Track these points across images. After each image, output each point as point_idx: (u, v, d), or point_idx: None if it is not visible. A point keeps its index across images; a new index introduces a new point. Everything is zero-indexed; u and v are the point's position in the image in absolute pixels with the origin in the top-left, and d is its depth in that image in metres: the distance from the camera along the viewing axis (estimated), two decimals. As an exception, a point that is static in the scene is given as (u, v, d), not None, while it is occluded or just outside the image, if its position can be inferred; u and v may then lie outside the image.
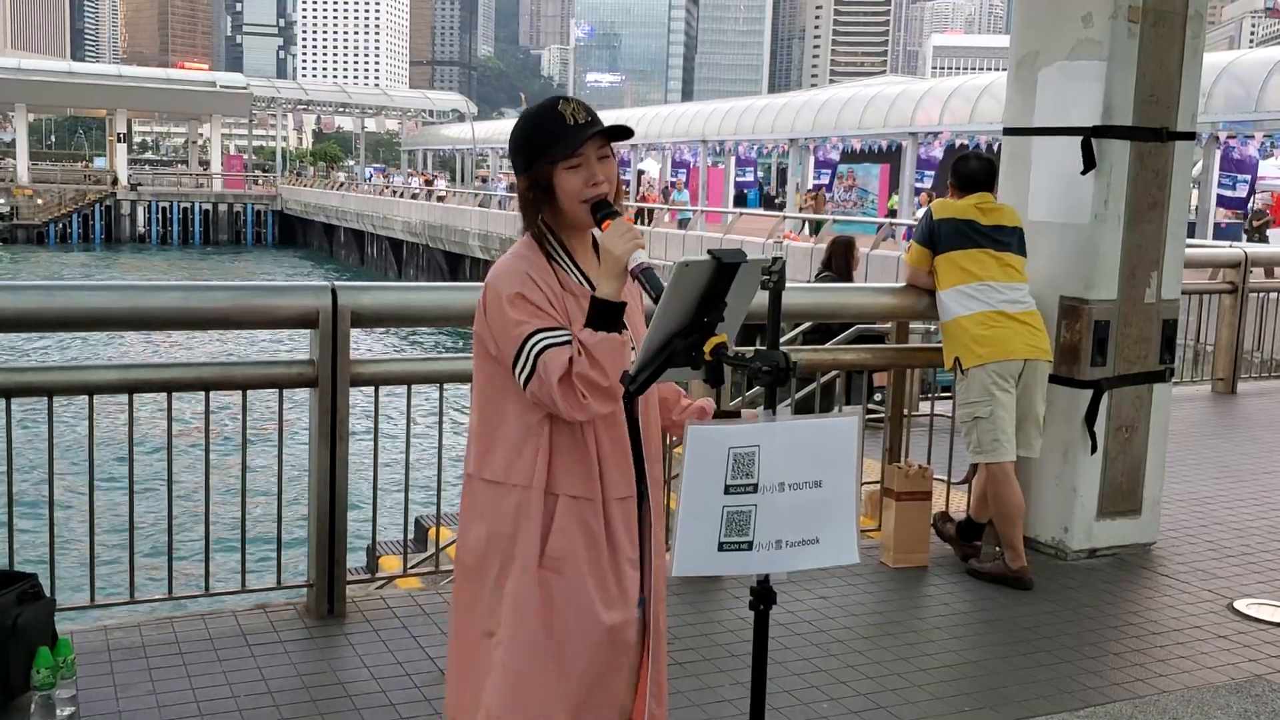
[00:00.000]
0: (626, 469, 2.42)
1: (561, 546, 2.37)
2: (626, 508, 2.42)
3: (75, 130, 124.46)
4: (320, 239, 60.75)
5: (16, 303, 3.96)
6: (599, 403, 2.28)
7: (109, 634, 4.00)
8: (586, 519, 2.38)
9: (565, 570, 2.37)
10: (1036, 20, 5.31)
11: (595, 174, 2.37)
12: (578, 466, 2.37)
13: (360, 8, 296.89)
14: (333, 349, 4.14)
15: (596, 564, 2.39)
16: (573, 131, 2.35)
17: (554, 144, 2.35)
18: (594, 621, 2.39)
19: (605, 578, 2.40)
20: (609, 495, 2.40)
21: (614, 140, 2.41)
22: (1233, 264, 9.46)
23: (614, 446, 2.40)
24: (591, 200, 2.37)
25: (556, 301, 2.35)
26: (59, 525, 4.10)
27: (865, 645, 4.24)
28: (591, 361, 2.25)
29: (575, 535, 2.37)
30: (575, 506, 2.38)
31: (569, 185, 2.37)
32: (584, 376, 2.25)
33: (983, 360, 4.92)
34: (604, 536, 2.40)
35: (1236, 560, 5.33)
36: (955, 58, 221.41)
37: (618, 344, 2.27)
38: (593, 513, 2.38)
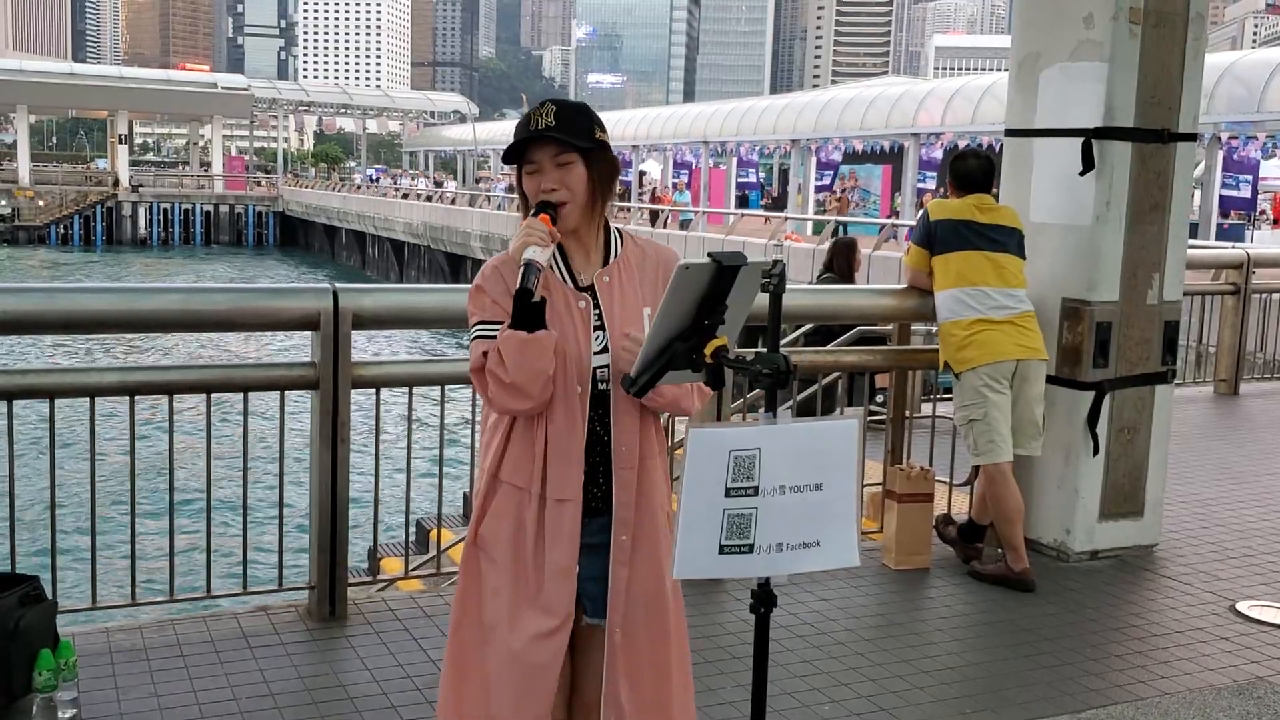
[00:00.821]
0: (570, 472, 2.41)
1: (491, 529, 2.45)
2: (565, 511, 2.41)
3: (76, 132, 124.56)
4: (321, 240, 60.78)
5: (18, 305, 3.96)
6: (504, 396, 2.34)
7: (110, 636, 4.00)
8: (521, 510, 2.42)
9: (492, 554, 2.44)
10: (1038, 21, 5.31)
11: (546, 181, 2.43)
12: (524, 458, 2.42)
13: (361, 9, 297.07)
14: (334, 351, 4.14)
15: (519, 556, 2.42)
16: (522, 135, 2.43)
17: (509, 149, 2.45)
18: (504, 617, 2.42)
19: (525, 574, 2.42)
20: (548, 494, 2.41)
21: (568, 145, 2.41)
22: (1235, 265, 9.45)
23: (560, 446, 2.40)
24: (538, 204, 2.43)
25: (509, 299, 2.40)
26: (60, 527, 4.10)
27: (867, 647, 4.24)
28: (497, 357, 2.32)
29: (506, 521, 2.43)
30: (513, 495, 2.43)
31: (528, 188, 2.47)
32: (490, 370, 2.33)
33: (973, 364, 4.92)
34: (533, 533, 2.41)
35: (1239, 562, 5.32)
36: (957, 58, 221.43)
37: (516, 341, 2.30)
38: (526, 505, 2.42)
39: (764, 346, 2.24)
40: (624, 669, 2.46)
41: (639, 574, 2.47)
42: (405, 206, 48.30)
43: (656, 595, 2.48)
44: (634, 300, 2.47)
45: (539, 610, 2.41)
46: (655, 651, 2.50)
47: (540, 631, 2.41)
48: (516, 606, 2.42)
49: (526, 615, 2.41)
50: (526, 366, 2.29)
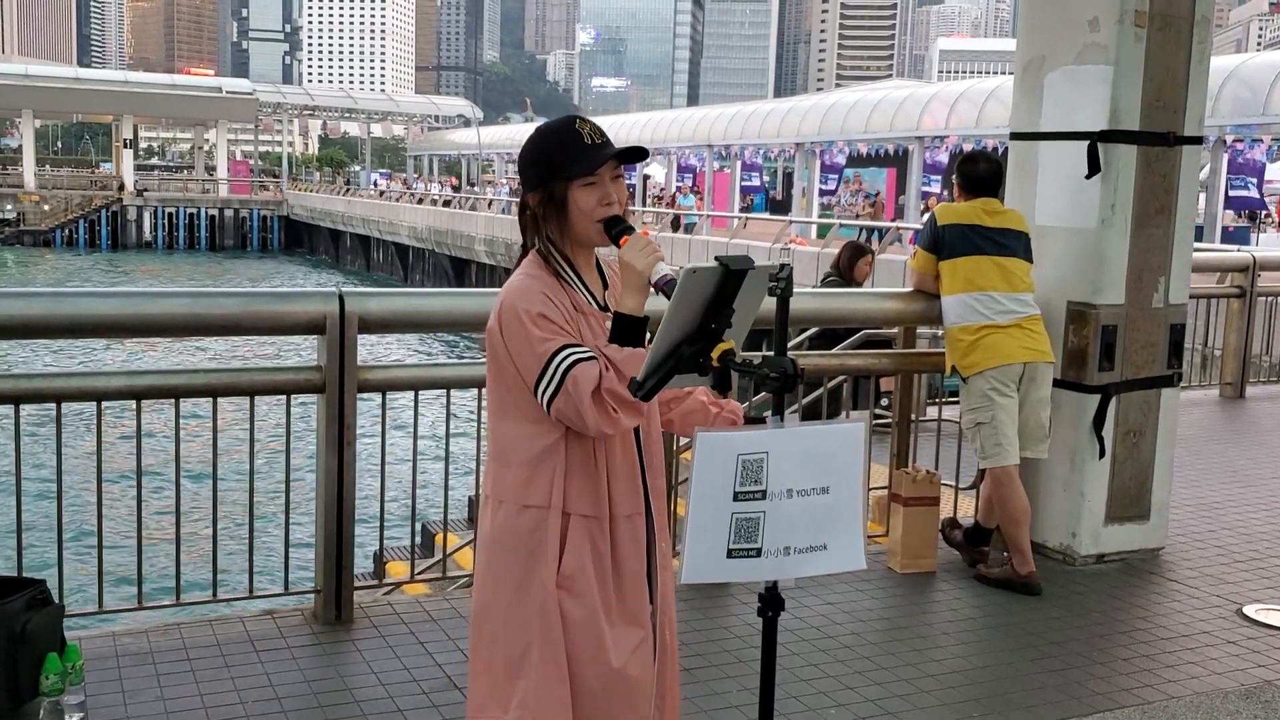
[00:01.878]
0: (634, 486, 2.43)
1: (573, 565, 2.37)
2: (634, 525, 2.42)
3: (82, 136, 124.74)
4: (326, 244, 60.88)
5: (25, 309, 3.97)
6: (628, 417, 2.29)
7: (117, 640, 4.00)
8: (595, 537, 2.39)
9: (576, 589, 2.37)
10: (1042, 25, 5.31)
11: (609, 194, 2.38)
12: (588, 485, 2.38)
13: (366, 13, 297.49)
14: (340, 355, 4.15)
15: (604, 585, 2.39)
16: (591, 150, 2.36)
17: (573, 161, 2.36)
18: (600, 646, 2.38)
19: (610, 599, 2.40)
20: (616, 513, 2.40)
21: (629, 162, 2.43)
22: (1241, 268, 9.44)
23: (622, 463, 2.41)
24: (604, 219, 2.38)
25: (571, 321, 2.35)
26: (67, 531, 4.11)
27: (873, 651, 4.24)
28: (620, 376, 2.25)
29: (585, 554, 2.38)
30: (585, 525, 2.38)
31: (584, 202, 2.37)
32: (612, 391, 2.25)
33: (980, 368, 4.92)
34: (609, 555, 2.40)
35: (1245, 565, 5.31)
36: (961, 61, 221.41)
37: (642, 359, 2.25)
38: (600, 531, 2.39)
39: (770, 350, 2.24)
40: (669, 671, 2.53)
41: (667, 576, 2.53)
42: (410, 210, 48.35)
43: (671, 596, 2.56)
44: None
45: (627, 624, 2.41)
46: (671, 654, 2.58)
47: (634, 644, 2.41)
48: (609, 628, 2.39)
49: (619, 633, 2.40)
50: None
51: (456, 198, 48.65)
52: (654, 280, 2.27)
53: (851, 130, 33.27)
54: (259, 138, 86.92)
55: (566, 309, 2.36)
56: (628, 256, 2.30)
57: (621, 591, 2.41)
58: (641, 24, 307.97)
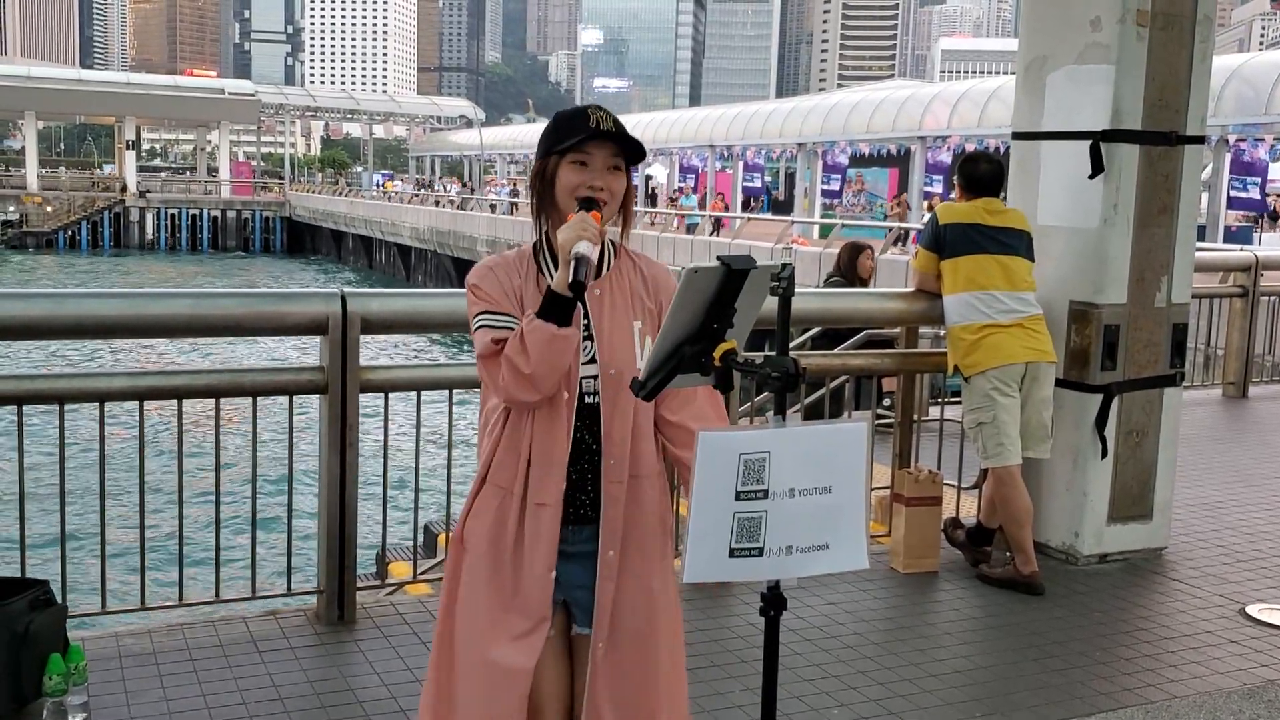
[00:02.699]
0: (551, 476, 2.40)
1: (474, 526, 2.46)
2: (543, 515, 2.39)
3: (84, 138, 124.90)
4: (328, 245, 60.92)
5: (28, 310, 3.98)
6: (518, 387, 2.31)
7: (120, 640, 4.01)
8: (503, 511, 2.42)
9: (472, 553, 2.45)
10: (1044, 24, 5.31)
11: (596, 179, 2.40)
12: (509, 459, 2.42)
13: (368, 14, 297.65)
14: (342, 355, 4.15)
15: (498, 558, 2.42)
16: (585, 131, 2.39)
17: (565, 137, 2.40)
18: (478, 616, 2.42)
19: (502, 574, 2.41)
20: (529, 496, 2.40)
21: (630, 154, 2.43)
22: (1243, 267, 9.43)
23: (544, 450, 2.40)
24: (582, 197, 2.39)
25: (512, 295, 2.41)
26: (70, 532, 4.11)
27: (876, 651, 4.24)
28: (520, 346, 2.29)
29: (487, 519, 2.43)
30: (496, 495, 2.44)
31: (566, 179, 2.41)
32: (508, 358, 2.31)
33: (982, 367, 4.92)
34: (513, 535, 2.41)
35: (1248, 565, 5.31)
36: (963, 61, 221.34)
37: (547, 333, 2.27)
38: (507, 506, 2.42)
39: (772, 350, 2.24)
40: (606, 685, 2.43)
41: (627, 589, 2.44)
42: (412, 211, 48.37)
43: (646, 609, 2.46)
44: (624, 314, 2.45)
45: (515, 613, 2.40)
46: (642, 665, 2.47)
47: (515, 634, 2.39)
48: (492, 609, 2.40)
49: (502, 618, 2.40)
50: (549, 360, 2.28)
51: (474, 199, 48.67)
52: (570, 255, 2.28)
53: (854, 130, 33.26)
54: (261, 139, 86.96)
55: (511, 284, 2.42)
56: (559, 231, 2.35)
57: (518, 578, 2.41)
58: (643, 24, 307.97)
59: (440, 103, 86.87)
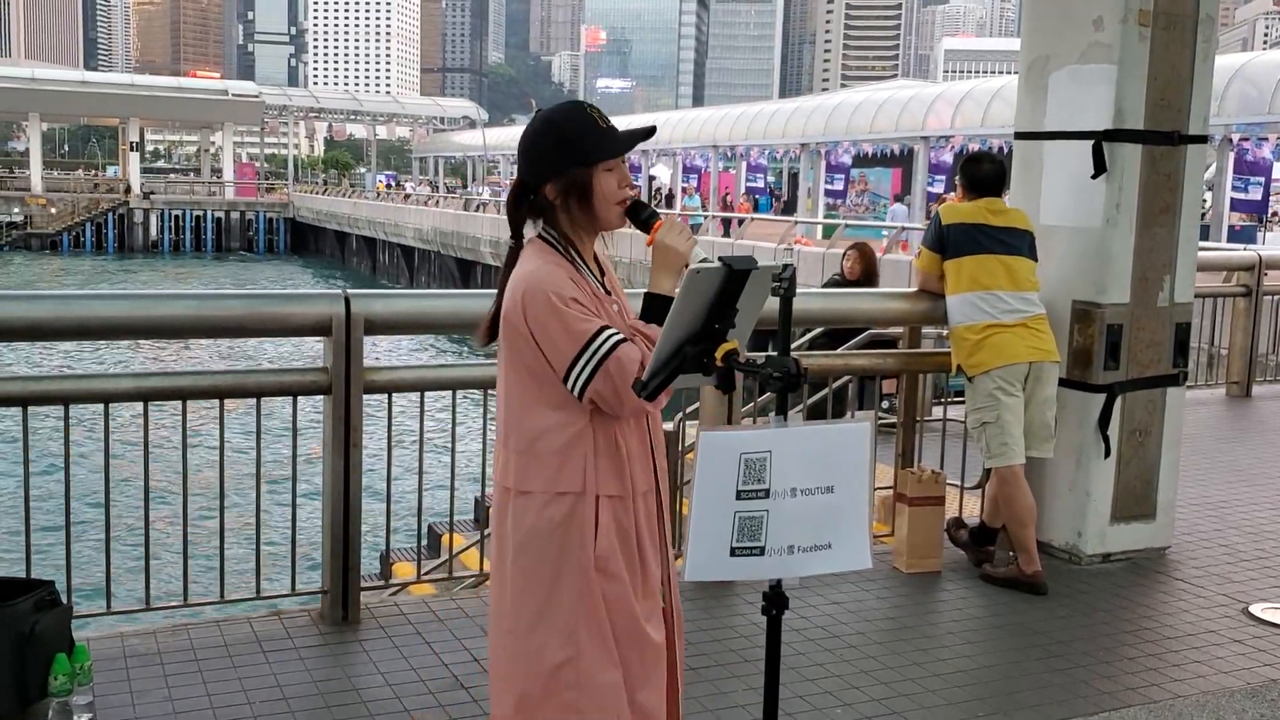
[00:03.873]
0: (647, 463, 2.48)
1: (605, 546, 2.40)
2: (649, 502, 2.48)
3: (88, 139, 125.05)
4: (332, 246, 60.96)
5: (32, 312, 3.99)
6: (664, 396, 2.33)
7: (125, 641, 4.02)
8: (620, 517, 2.42)
9: (610, 570, 2.40)
10: (1046, 24, 5.31)
11: (626, 175, 2.43)
12: (613, 466, 2.41)
13: (371, 15, 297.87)
14: (346, 356, 4.16)
15: (630, 560, 2.44)
16: (610, 133, 2.38)
17: (596, 146, 2.37)
18: (635, 620, 2.43)
19: (636, 574, 2.45)
20: (636, 491, 2.44)
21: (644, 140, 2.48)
22: (1246, 267, 9.42)
23: (637, 442, 2.45)
24: (627, 201, 2.40)
25: (595, 305, 2.37)
26: (75, 532, 4.13)
27: (879, 650, 4.24)
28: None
29: (615, 534, 2.41)
30: (612, 506, 2.41)
31: (607, 187, 2.39)
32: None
33: (986, 367, 4.92)
34: (634, 532, 2.44)
35: (1252, 564, 5.31)
36: (967, 61, 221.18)
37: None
38: (624, 510, 2.43)
39: (774, 350, 2.24)
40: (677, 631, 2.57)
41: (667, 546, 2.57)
42: (415, 212, 48.41)
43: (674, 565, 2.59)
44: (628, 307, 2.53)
45: (649, 596, 2.47)
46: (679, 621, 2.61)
47: (656, 613, 2.48)
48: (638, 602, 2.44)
49: (646, 606, 2.46)
50: None
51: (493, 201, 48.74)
52: (692, 263, 2.29)
53: (857, 130, 33.25)
54: (265, 140, 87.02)
55: (590, 293, 2.39)
56: (669, 240, 2.33)
57: (645, 566, 2.46)
58: (646, 25, 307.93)
59: (443, 103, 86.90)
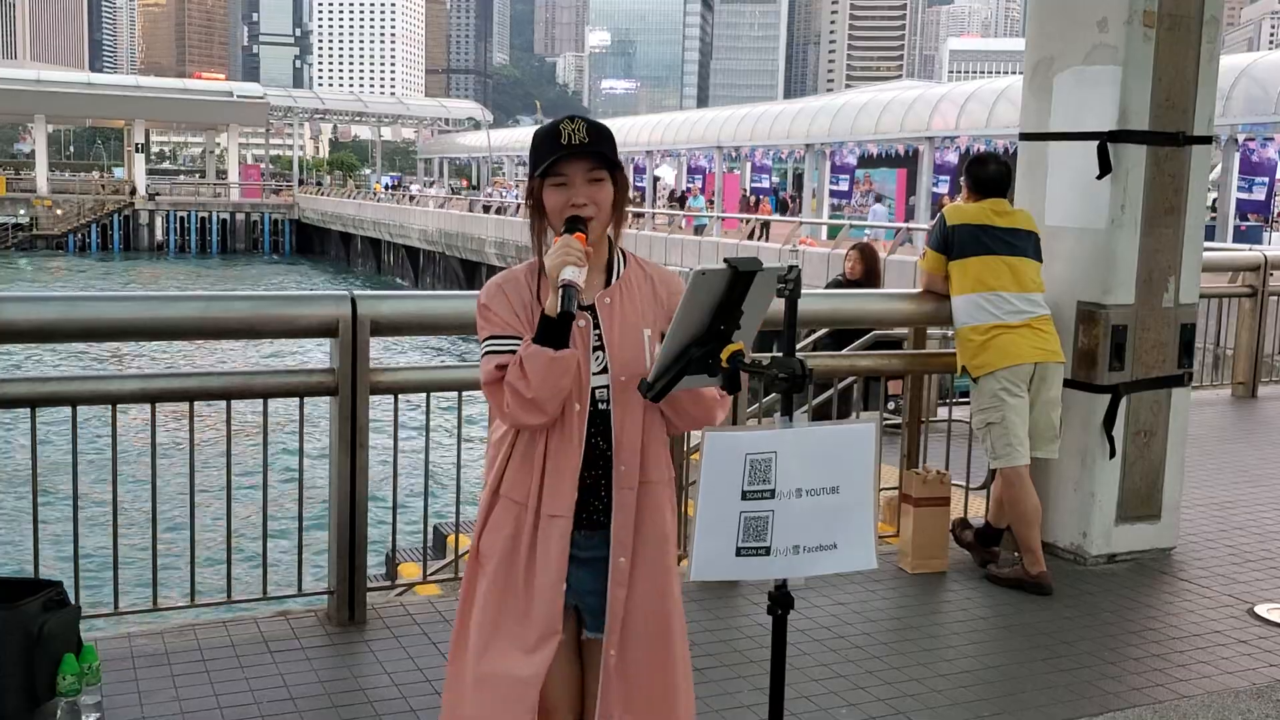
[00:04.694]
0: (563, 487, 2.41)
1: (489, 542, 2.48)
2: (556, 527, 2.41)
3: (94, 141, 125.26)
4: (337, 248, 61.07)
5: (40, 314, 4.01)
6: (522, 411, 2.34)
7: (133, 641, 4.04)
8: (518, 525, 2.44)
9: (487, 567, 2.47)
10: (1051, 26, 5.32)
11: (579, 195, 2.41)
12: (523, 474, 2.44)
13: (376, 17, 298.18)
14: (352, 358, 4.17)
15: (510, 570, 2.44)
16: (557, 150, 2.39)
17: (539, 161, 2.42)
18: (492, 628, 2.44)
19: (515, 586, 2.44)
20: (542, 509, 2.42)
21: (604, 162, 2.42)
22: (1252, 267, 9.41)
23: (557, 462, 2.41)
24: (569, 217, 2.41)
25: (523, 313, 2.42)
26: (83, 534, 4.14)
27: (884, 650, 4.24)
28: (520, 371, 2.32)
29: (503, 535, 2.46)
30: (511, 509, 2.45)
31: (551, 201, 2.43)
32: (510, 384, 2.33)
33: (991, 368, 4.92)
34: (526, 547, 2.43)
35: (1257, 565, 5.31)
36: (972, 62, 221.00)
37: (544, 358, 2.29)
38: (521, 520, 2.44)
39: (779, 351, 2.25)
40: (619, 691, 2.44)
41: (639, 595, 2.44)
42: (420, 214, 48.49)
43: (659, 615, 2.46)
44: (634, 322, 2.45)
45: (527, 625, 2.42)
46: (658, 672, 2.47)
47: (526, 646, 2.41)
48: (502, 621, 2.43)
49: (514, 630, 2.42)
50: (550, 384, 2.30)
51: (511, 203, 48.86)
52: (558, 282, 2.29)
53: (861, 131, 33.25)
54: (270, 141, 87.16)
55: (521, 302, 2.43)
56: (545, 256, 2.36)
57: (530, 591, 2.42)
58: (651, 26, 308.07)
59: (448, 105, 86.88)
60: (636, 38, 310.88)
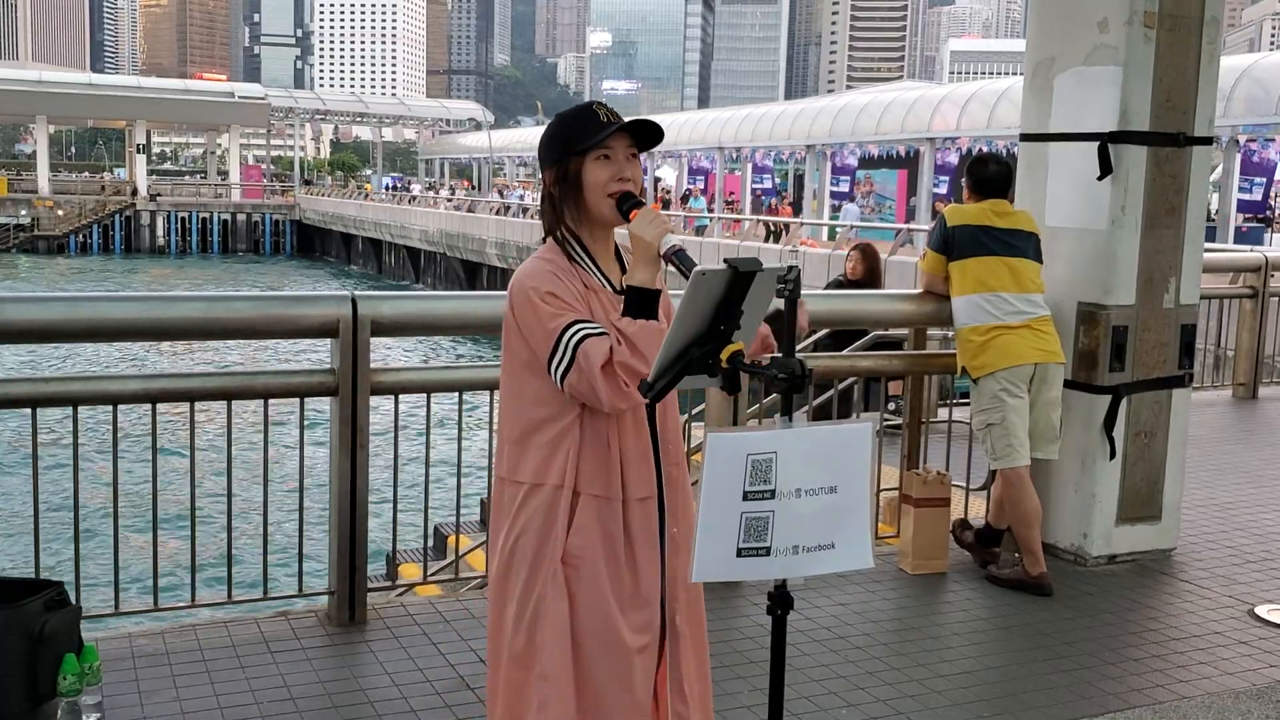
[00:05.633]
0: (647, 469, 2.46)
1: (579, 544, 2.43)
2: (647, 508, 2.46)
3: (95, 141, 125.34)
4: (338, 248, 61.09)
5: (43, 314, 4.01)
6: (635, 391, 2.31)
7: (133, 641, 4.04)
8: (605, 518, 2.43)
9: (583, 568, 2.43)
10: (1052, 26, 5.32)
11: (623, 170, 2.42)
12: (601, 467, 2.42)
13: (377, 17, 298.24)
14: (353, 358, 4.18)
15: (613, 562, 2.44)
16: (605, 126, 2.41)
17: (586, 135, 2.40)
18: (610, 624, 2.43)
19: (621, 577, 2.44)
20: (629, 495, 2.44)
21: (645, 142, 2.45)
22: (1253, 268, 9.41)
23: (636, 446, 2.44)
24: (617, 194, 2.41)
25: (581, 299, 2.40)
26: (83, 534, 4.15)
27: (884, 651, 4.25)
28: (632, 349, 2.29)
29: (594, 533, 2.43)
30: (595, 505, 2.43)
31: (596, 176, 2.41)
32: (624, 364, 2.29)
33: (991, 369, 4.92)
34: (622, 536, 2.44)
35: (1258, 565, 5.31)
36: (972, 62, 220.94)
37: (655, 331, 2.29)
38: (611, 512, 2.43)
39: (779, 351, 2.25)
40: (684, 655, 2.55)
41: (684, 565, 2.51)
42: (421, 214, 48.52)
43: (696, 585, 2.57)
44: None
45: (638, 606, 2.46)
46: (699, 639, 2.60)
47: (643, 624, 2.46)
48: (617, 607, 2.44)
49: (630, 615, 2.45)
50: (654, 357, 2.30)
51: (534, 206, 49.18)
52: (663, 251, 2.31)
53: (862, 132, 33.24)
54: (271, 142, 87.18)
55: (576, 288, 2.41)
56: (636, 228, 2.34)
57: (636, 573, 2.45)
58: (652, 26, 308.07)
59: (449, 105, 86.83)
60: (637, 39, 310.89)
